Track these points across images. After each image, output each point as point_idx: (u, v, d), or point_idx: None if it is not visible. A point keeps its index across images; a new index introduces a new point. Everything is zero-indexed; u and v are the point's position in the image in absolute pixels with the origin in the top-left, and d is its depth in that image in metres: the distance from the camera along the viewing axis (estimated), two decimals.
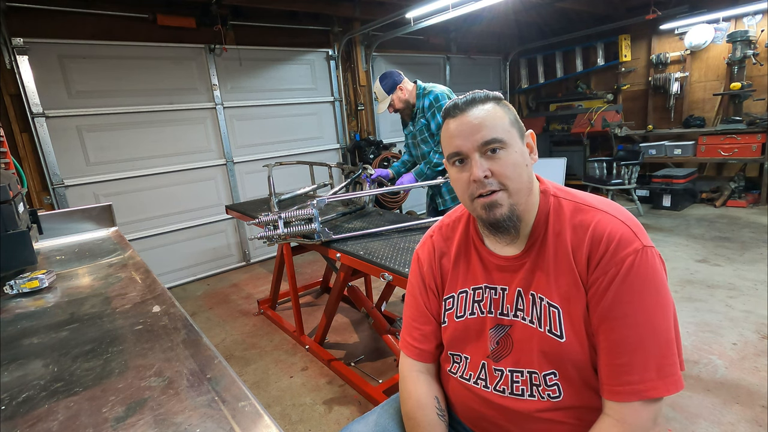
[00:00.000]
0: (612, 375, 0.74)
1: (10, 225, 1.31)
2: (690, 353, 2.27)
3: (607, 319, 0.75)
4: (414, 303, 1.01)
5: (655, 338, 0.73)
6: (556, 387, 0.82)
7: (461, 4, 3.75)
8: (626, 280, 0.73)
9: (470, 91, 0.85)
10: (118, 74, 3.58)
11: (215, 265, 4.35)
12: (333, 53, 4.91)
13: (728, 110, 5.13)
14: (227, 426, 0.60)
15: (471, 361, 0.92)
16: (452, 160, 0.84)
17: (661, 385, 0.72)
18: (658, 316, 0.73)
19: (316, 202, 2.00)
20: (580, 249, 0.78)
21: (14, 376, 0.78)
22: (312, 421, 2.04)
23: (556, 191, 0.86)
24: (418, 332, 0.98)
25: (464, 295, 0.93)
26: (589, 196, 0.86)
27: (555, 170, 6.04)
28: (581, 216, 0.81)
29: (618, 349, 0.74)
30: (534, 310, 0.83)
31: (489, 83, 6.91)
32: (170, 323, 0.95)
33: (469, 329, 0.91)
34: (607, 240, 0.76)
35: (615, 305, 0.74)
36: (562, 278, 0.80)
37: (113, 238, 1.81)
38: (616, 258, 0.74)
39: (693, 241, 3.93)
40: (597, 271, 0.76)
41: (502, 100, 0.85)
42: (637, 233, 0.76)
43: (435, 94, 2.55)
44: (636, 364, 0.72)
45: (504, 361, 0.86)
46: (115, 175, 3.65)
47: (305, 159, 4.35)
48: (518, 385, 0.85)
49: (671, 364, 0.73)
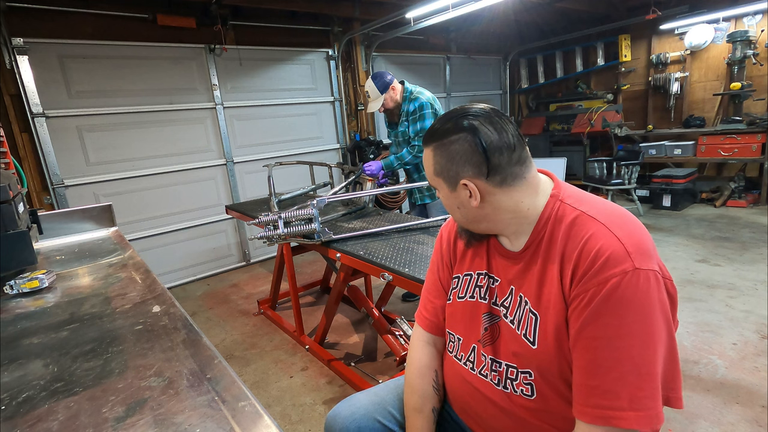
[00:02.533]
0: (583, 395, 0.72)
1: (10, 225, 1.31)
2: (690, 353, 2.27)
3: (583, 337, 0.72)
4: (431, 277, 1.07)
5: (632, 367, 0.68)
6: (529, 387, 0.82)
7: (461, 4, 3.75)
8: (607, 302, 0.69)
9: (445, 113, 0.87)
10: (118, 74, 3.58)
11: (215, 265, 4.35)
12: (333, 53, 4.91)
13: (728, 110, 5.13)
14: (227, 426, 0.60)
15: (463, 342, 0.95)
16: None
17: (632, 416, 0.68)
18: (636, 345, 0.68)
19: (316, 202, 2.00)
20: (568, 261, 0.76)
21: (14, 376, 0.78)
22: (312, 421, 2.03)
23: (566, 197, 0.83)
24: (431, 305, 1.05)
25: (468, 277, 0.96)
26: (600, 204, 0.80)
27: (555, 170, 6.03)
28: (578, 227, 0.77)
29: (591, 370, 0.71)
30: (517, 311, 0.85)
31: (489, 83, 6.91)
32: (170, 323, 0.95)
33: (466, 311, 0.95)
34: (594, 257, 0.72)
35: (592, 325, 0.71)
36: (546, 287, 0.79)
37: (113, 238, 1.81)
38: (600, 277, 0.70)
39: (693, 241, 3.93)
40: (579, 287, 0.73)
41: (449, 137, 0.81)
42: (632, 252, 0.70)
43: (421, 102, 2.69)
44: (607, 389, 0.69)
45: (488, 349, 0.90)
46: (115, 175, 3.65)
47: (305, 159, 4.35)
48: (495, 374, 0.87)
49: (647, 397, 0.68)
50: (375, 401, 1.04)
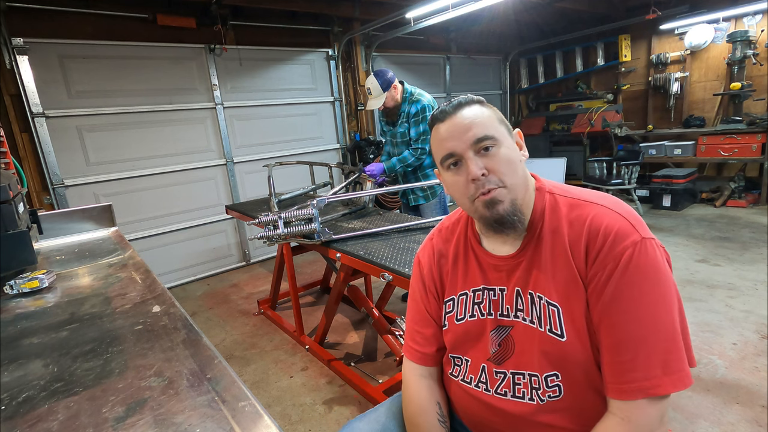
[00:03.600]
0: (616, 373, 0.73)
1: (10, 225, 1.31)
2: None
3: (608, 315, 0.73)
4: (415, 306, 1.01)
5: (659, 333, 0.71)
6: (557, 388, 0.80)
7: (461, 4, 3.75)
8: (625, 273, 0.72)
9: (454, 98, 0.86)
10: (118, 74, 3.58)
11: (215, 265, 4.35)
12: (333, 53, 4.91)
13: (728, 110, 5.13)
14: (227, 426, 0.60)
15: (471, 364, 0.91)
16: (446, 163, 0.84)
17: (667, 381, 0.70)
18: (660, 310, 0.71)
19: (316, 202, 2.00)
20: (577, 244, 0.77)
21: (14, 376, 0.78)
22: (312, 421, 2.04)
23: (552, 188, 0.86)
24: (419, 336, 0.98)
25: (464, 297, 0.92)
26: (586, 191, 0.85)
27: (555, 170, 6.04)
28: (578, 211, 0.80)
29: (620, 346, 0.72)
30: (533, 310, 0.82)
31: (489, 83, 6.91)
32: (170, 323, 0.95)
33: (470, 332, 0.90)
34: (605, 233, 0.74)
35: (615, 301, 0.72)
36: (560, 275, 0.79)
37: (113, 238, 1.81)
38: (614, 252, 0.73)
39: (693, 241, 3.93)
40: (595, 266, 0.75)
41: (485, 103, 0.86)
42: (635, 225, 0.75)
43: (423, 104, 2.70)
44: (640, 361, 0.70)
45: (506, 364, 0.85)
46: (115, 175, 3.65)
47: (305, 159, 4.35)
48: (520, 387, 0.84)
49: (677, 359, 0.71)
50: (377, 429, 0.96)
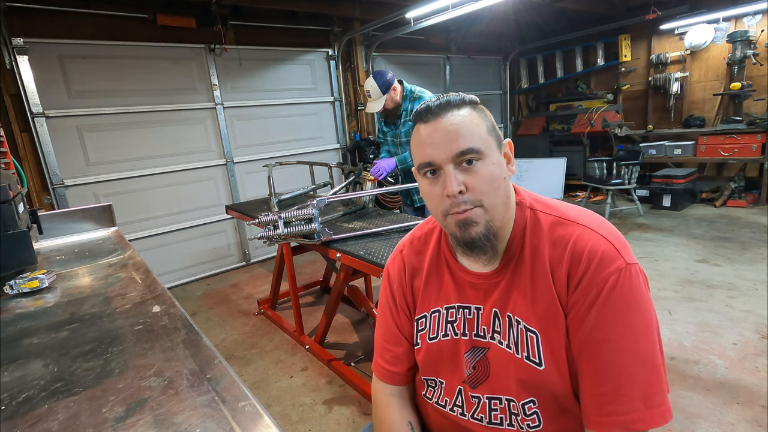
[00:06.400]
0: (596, 405, 0.69)
1: (10, 225, 1.31)
2: (690, 353, 2.27)
3: (589, 344, 0.69)
4: (385, 322, 0.93)
5: (641, 365, 0.67)
6: (535, 416, 0.76)
7: (461, 4, 3.75)
8: (608, 301, 0.68)
9: (444, 94, 0.76)
10: (118, 74, 3.58)
11: (215, 265, 4.35)
12: (333, 53, 4.91)
13: (728, 110, 5.13)
14: (227, 426, 0.60)
15: (446, 386, 0.85)
16: (423, 171, 0.75)
17: (648, 416, 0.66)
18: (642, 341, 0.68)
19: (316, 202, 2.00)
20: (559, 268, 0.72)
21: (14, 376, 0.78)
22: (312, 421, 2.04)
23: (532, 203, 0.80)
24: (389, 354, 0.92)
25: (437, 314, 0.86)
26: (569, 207, 0.79)
27: (555, 170, 6.04)
28: (560, 231, 0.74)
29: (601, 377, 0.68)
30: (511, 334, 0.77)
31: (489, 83, 6.91)
32: (170, 323, 0.95)
33: (443, 352, 0.84)
34: (588, 257, 0.70)
35: (597, 329, 0.68)
36: (540, 300, 0.74)
37: (113, 238, 1.81)
38: (598, 277, 0.68)
39: (693, 241, 3.93)
40: (577, 292, 0.70)
41: (478, 104, 0.77)
42: (619, 249, 0.70)
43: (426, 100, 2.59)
44: (621, 394, 0.67)
45: (481, 388, 0.80)
46: (115, 175, 3.65)
47: (305, 159, 4.35)
48: (496, 413, 0.79)
49: (658, 392, 0.67)
50: None
